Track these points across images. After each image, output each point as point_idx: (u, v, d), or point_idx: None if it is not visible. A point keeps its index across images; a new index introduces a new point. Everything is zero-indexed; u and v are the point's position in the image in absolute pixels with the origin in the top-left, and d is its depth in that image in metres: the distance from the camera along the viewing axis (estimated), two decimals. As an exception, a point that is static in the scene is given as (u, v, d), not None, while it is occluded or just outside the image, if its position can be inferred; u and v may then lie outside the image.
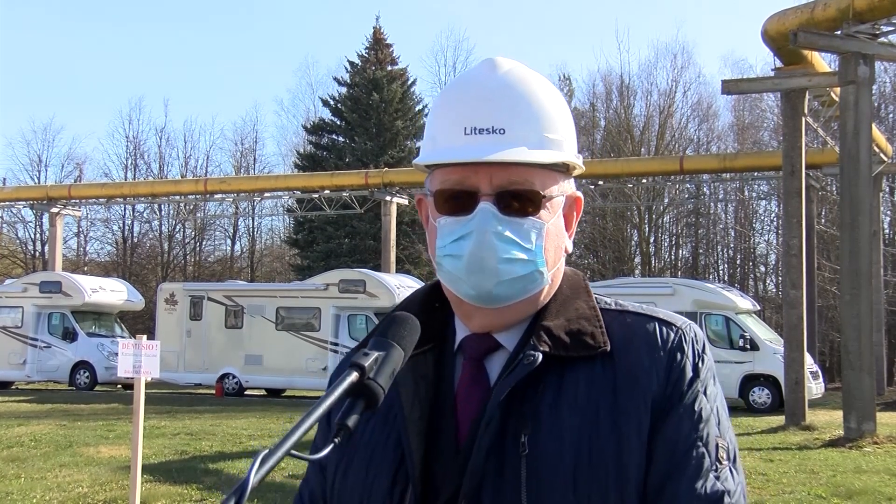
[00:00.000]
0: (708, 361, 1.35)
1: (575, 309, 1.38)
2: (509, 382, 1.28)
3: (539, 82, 1.37)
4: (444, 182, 1.34)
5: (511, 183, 1.31)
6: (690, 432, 1.28)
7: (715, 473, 1.27)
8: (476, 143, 1.30)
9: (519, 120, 1.32)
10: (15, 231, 46.94)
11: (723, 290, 21.45)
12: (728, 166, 26.91)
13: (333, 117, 41.38)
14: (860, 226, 13.83)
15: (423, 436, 1.32)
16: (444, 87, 1.44)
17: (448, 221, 1.33)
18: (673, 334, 1.34)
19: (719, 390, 1.35)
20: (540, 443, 1.26)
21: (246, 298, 24.40)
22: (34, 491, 9.74)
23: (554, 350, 1.31)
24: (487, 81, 1.34)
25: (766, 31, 16.00)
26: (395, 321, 1.24)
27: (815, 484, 10.16)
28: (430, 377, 1.36)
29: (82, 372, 25.33)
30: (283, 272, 45.08)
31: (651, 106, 41.58)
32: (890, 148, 25.30)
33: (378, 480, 1.32)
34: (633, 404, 1.28)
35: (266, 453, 1.01)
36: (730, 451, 1.30)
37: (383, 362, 1.15)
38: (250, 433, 14.73)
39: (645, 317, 1.37)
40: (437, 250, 1.34)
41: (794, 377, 15.83)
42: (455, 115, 1.34)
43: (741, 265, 42.82)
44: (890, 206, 35.64)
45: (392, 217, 29.57)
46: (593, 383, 1.30)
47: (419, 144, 43.91)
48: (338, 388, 1.09)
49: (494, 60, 1.37)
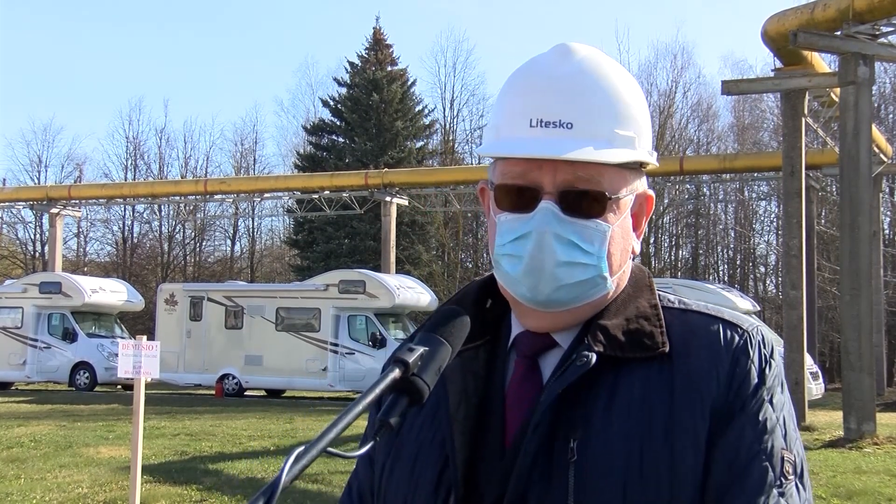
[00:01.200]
0: (776, 367, 1.25)
1: (636, 307, 1.29)
2: (560, 384, 1.21)
3: (615, 72, 1.27)
4: (505, 175, 1.26)
5: (577, 180, 1.23)
6: (753, 443, 1.19)
7: (779, 489, 1.17)
8: (541, 138, 1.22)
9: (589, 114, 1.23)
10: (15, 232, 46.97)
11: (723, 291, 21.48)
12: (728, 167, 26.91)
13: (333, 118, 41.36)
14: (860, 226, 13.82)
15: (468, 435, 1.25)
16: (513, 71, 1.32)
17: (508, 218, 1.26)
18: (738, 337, 1.24)
19: (788, 399, 1.25)
20: (590, 449, 1.19)
21: (246, 299, 24.40)
22: (34, 491, 9.74)
23: (609, 350, 1.23)
24: (557, 70, 1.25)
25: (765, 31, 15.99)
26: (444, 316, 1.19)
27: (815, 485, 10.15)
28: (480, 374, 1.30)
29: (82, 372, 25.32)
30: (283, 273, 45.07)
31: (651, 106, 41.39)
32: (890, 148, 25.30)
33: (423, 480, 1.27)
34: (691, 411, 1.19)
35: (301, 451, 0.97)
36: (797, 466, 1.21)
37: (428, 358, 1.11)
38: (250, 434, 14.72)
39: (709, 317, 1.28)
40: (496, 248, 1.27)
41: (793, 378, 15.82)
42: (521, 104, 1.25)
43: (741, 266, 42.84)
44: (890, 207, 35.64)
45: (392, 218, 29.56)
46: (649, 387, 1.21)
47: (419, 145, 44.05)
48: (380, 384, 1.05)
49: (568, 46, 1.28)
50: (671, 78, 42.04)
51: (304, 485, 9.66)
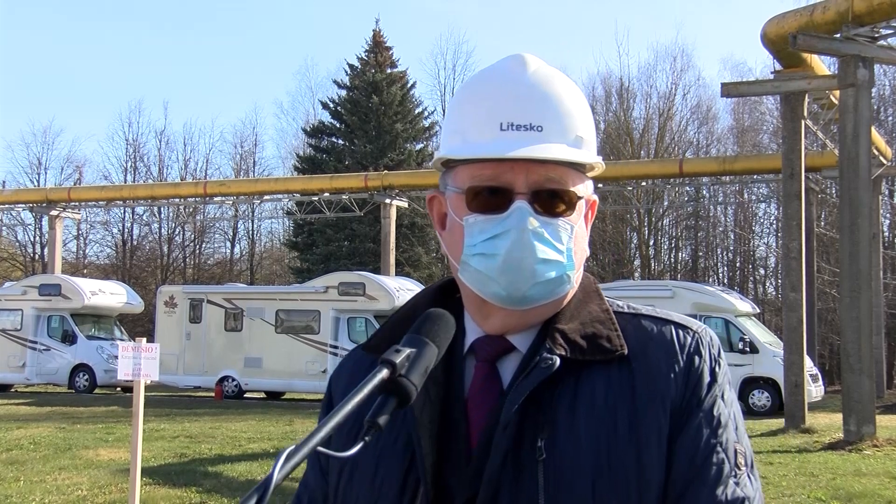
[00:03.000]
0: (724, 366, 1.32)
1: (588, 312, 1.34)
2: (527, 386, 1.24)
3: (567, 81, 1.34)
4: (476, 178, 1.29)
5: (547, 181, 1.28)
6: (710, 438, 1.26)
7: (735, 479, 1.24)
8: (514, 139, 1.26)
9: (555, 117, 1.29)
10: (14, 234, 46.95)
11: (722, 293, 21.46)
12: (728, 169, 26.91)
13: (333, 120, 41.37)
14: (860, 228, 13.83)
15: (434, 439, 1.28)
16: (469, 80, 1.38)
17: (479, 219, 1.28)
18: (690, 338, 1.31)
19: (734, 395, 1.33)
20: (557, 448, 1.23)
21: (245, 301, 24.39)
22: (33, 494, 9.73)
23: (571, 354, 1.27)
24: (520, 77, 1.30)
25: (765, 34, 16.00)
26: (429, 318, 1.20)
27: (815, 487, 10.15)
28: (439, 379, 1.31)
29: (82, 375, 25.31)
30: (283, 275, 45.07)
31: (650, 108, 41.63)
32: (889, 151, 25.32)
33: (386, 486, 1.28)
34: (653, 409, 1.25)
35: (291, 449, 0.97)
36: (747, 457, 1.28)
37: (416, 359, 1.12)
38: (250, 436, 14.72)
39: (660, 320, 1.34)
40: (466, 248, 1.29)
41: (793, 380, 15.83)
42: (488, 109, 1.28)
43: (741, 268, 42.83)
44: (889, 209, 35.64)
45: (392, 220, 29.57)
46: (611, 388, 1.26)
47: (419, 147, 43.95)
48: (367, 385, 1.06)
49: (524, 57, 1.33)
50: (671, 80, 42.04)
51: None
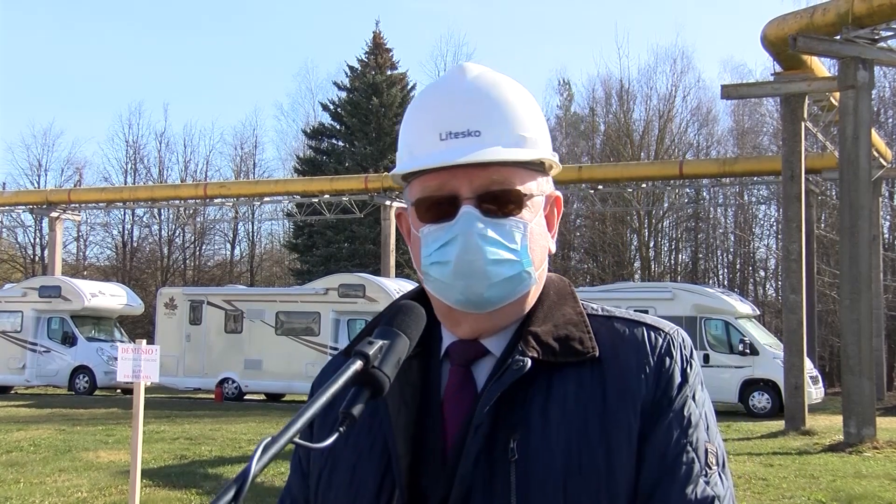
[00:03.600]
0: (695, 367, 1.33)
1: (562, 315, 1.36)
2: (498, 388, 1.26)
3: (509, 84, 1.36)
4: (424, 190, 1.32)
5: (491, 183, 1.30)
6: (680, 438, 1.27)
7: (705, 479, 1.26)
8: (452, 147, 1.29)
9: (493, 121, 1.30)
10: (14, 235, 47.00)
11: (722, 295, 21.45)
12: (728, 171, 26.92)
13: (333, 122, 41.38)
14: (860, 230, 13.83)
15: (410, 442, 1.29)
16: (417, 95, 1.42)
17: (431, 229, 1.31)
18: (661, 339, 1.33)
19: (707, 395, 1.35)
20: (530, 449, 1.24)
21: (245, 303, 24.38)
22: (33, 496, 9.73)
23: (543, 356, 1.29)
24: (458, 86, 1.33)
25: (765, 36, 16.02)
26: (400, 310, 1.23)
27: (815, 489, 10.15)
28: (416, 384, 1.34)
29: (82, 376, 25.31)
30: (283, 276, 45.07)
31: (651, 110, 41.65)
32: (889, 152, 25.33)
33: (363, 488, 1.30)
34: (623, 410, 1.26)
35: (268, 441, 0.99)
36: (718, 457, 1.30)
37: (388, 351, 1.14)
38: (250, 438, 14.72)
39: (633, 322, 1.36)
40: (423, 259, 1.32)
41: (793, 382, 15.83)
42: (428, 121, 1.32)
43: (741, 270, 42.83)
44: (889, 211, 35.66)
45: (392, 221, 29.57)
46: (582, 389, 1.28)
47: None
48: (341, 376, 1.07)
49: (464, 66, 1.36)
50: (671, 82, 42.05)
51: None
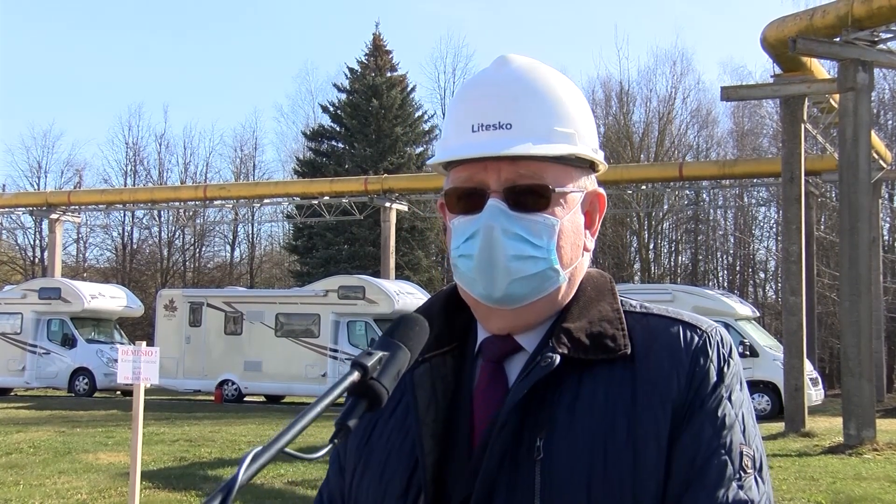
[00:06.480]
0: (734, 366, 1.28)
1: (598, 311, 1.33)
2: (526, 385, 1.24)
3: (551, 76, 1.33)
4: (455, 181, 1.32)
5: (519, 177, 1.28)
6: (712, 439, 1.22)
7: (738, 482, 1.21)
8: (482, 140, 1.28)
9: (526, 114, 1.28)
10: (14, 237, 47.02)
11: (722, 297, 21.45)
12: (727, 173, 26.92)
13: (333, 123, 41.37)
14: (859, 232, 13.83)
15: (437, 439, 1.28)
16: (460, 85, 1.41)
17: (461, 221, 1.30)
18: (697, 337, 1.28)
19: (746, 396, 1.29)
20: (555, 448, 1.22)
21: (245, 305, 24.38)
22: (33, 498, 9.72)
23: (573, 352, 1.26)
24: (496, 77, 1.32)
25: (765, 37, 16.02)
26: (402, 322, 1.21)
27: (815, 491, 10.15)
28: (449, 379, 1.33)
29: (81, 378, 25.30)
30: (283, 278, 45.05)
31: (650, 112, 41.68)
32: (889, 154, 25.33)
33: (392, 485, 1.29)
34: (652, 411, 1.23)
35: (258, 451, 0.97)
36: (756, 460, 1.25)
37: (387, 363, 1.12)
38: (249, 440, 14.71)
39: (669, 319, 1.32)
40: (452, 251, 1.32)
41: (793, 384, 15.82)
42: (464, 112, 1.32)
43: (740, 271, 42.83)
44: (889, 213, 35.66)
45: (391, 223, 29.57)
46: (612, 388, 1.25)
47: (419, 150, 44.02)
48: (337, 387, 1.06)
49: (506, 57, 1.34)
50: (671, 84, 42.10)
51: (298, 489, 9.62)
